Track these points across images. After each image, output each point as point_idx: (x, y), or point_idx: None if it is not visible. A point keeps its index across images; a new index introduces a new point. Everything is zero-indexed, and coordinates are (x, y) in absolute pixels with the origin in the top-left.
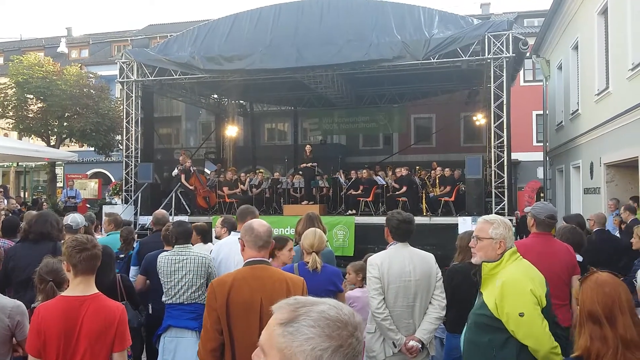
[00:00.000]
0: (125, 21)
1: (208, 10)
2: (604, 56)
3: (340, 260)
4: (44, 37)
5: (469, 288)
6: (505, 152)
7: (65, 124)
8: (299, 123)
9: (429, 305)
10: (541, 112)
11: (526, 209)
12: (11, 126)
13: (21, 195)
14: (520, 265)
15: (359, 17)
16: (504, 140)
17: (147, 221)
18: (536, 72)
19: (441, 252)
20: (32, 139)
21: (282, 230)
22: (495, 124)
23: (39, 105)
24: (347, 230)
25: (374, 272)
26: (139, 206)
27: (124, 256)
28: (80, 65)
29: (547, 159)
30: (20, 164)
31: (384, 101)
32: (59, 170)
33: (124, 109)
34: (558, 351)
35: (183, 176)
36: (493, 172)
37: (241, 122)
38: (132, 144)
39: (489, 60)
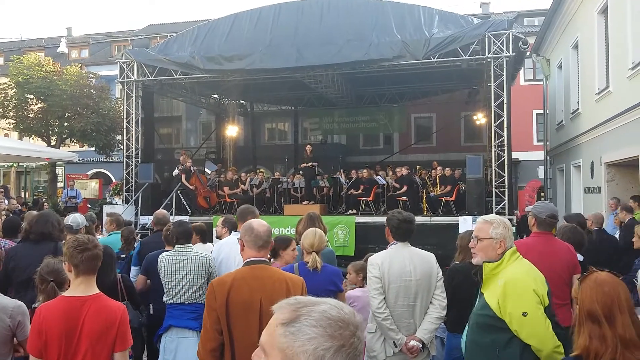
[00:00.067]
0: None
1: (208, 10)
2: (604, 55)
3: (340, 260)
4: (44, 37)
5: (470, 288)
6: (506, 152)
7: (66, 124)
8: (299, 123)
9: (429, 305)
10: (541, 112)
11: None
12: (12, 126)
13: (22, 195)
14: (521, 265)
15: (359, 16)
16: (504, 139)
17: (148, 221)
18: (536, 71)
19: (442, 251)
20: (33, 139)
21: (282, 230)
22: (495, 123)
23: (40, 106)
24: (347, 230)
25: (375, 271)
26: (139, 206)
27: (125, 256)
28: (80, 65)
29: (548, 158)
30: (20, 164)
31: (384, 101)
32: (59, 171)
33: (125, 109)
34: (561, 350)
35: (183, 176)
36: (493, 172)
37: (241, 122)
38: (132, 144)
39: (489, 60)
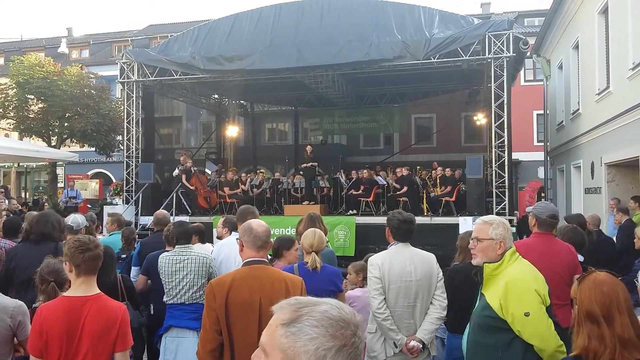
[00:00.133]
0: (126, 21)
1: (208, 11)
2: (604, 56)
3: (341, 260)
4: (44, 37)
5: (470, 288)
6: (506, 152)
7: (66, 124)
8: (299, 123)
9: (429, 305)
10: (542, 112)
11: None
12: (12, 127)
13: (22, 195)
14: (522, 265)
15: (359, 17)
16: (504, 140)
17: (148, 221)
18: (537, 71)
19: (442, 252)
20: (33, 139)
21: (283, 231)
22: (495, 123)
23: (40, 106)
24: (348, 230)
25: (375, 272)
26: (139, 206)
27: (125, 256)
28: (80, 65)
29: (548, 158)
30: (21, 164)
31: (384, 101)
32: (59, 171)
33: (125, 109)
34: (563, 350)
35: (184, 176)
36: (494, 172)
37: (242, 122)
38: (132, 144)
39: (489, 60)
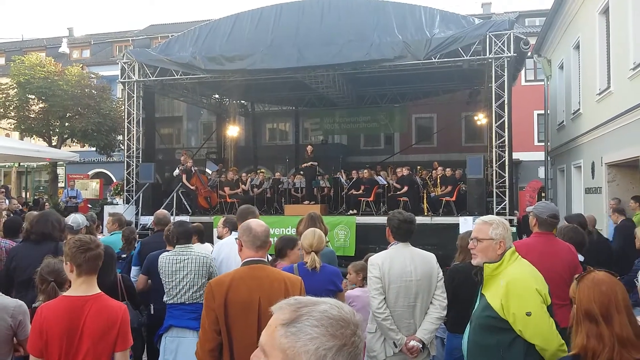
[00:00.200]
0: (127, 21)
1: (209, 10)
2: (605, 56)
3: (341, 260)
4: (45, 37)
5: (470, 288)
6: (507, 152)
7: (67, 124)
8: (300, 123)
9: (429, 305)
10: (542, 112)
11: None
12: (13, 126)
13: (23, 195)
14: (522, 265)
15: (360, 17)
16: (505, 140)
17: (149, 221)
18: (537, 71)
19: (442, 252)
20: (34, 139)
21: (283, 231)
22: (496, 123)
23: (41, 106)
24: (348, 230)
25: (375, 272)
26: (140, 206)
27: (125, 256)
28: (81, 65)
29: (549, 158)
30: (21, 164)
31: (385, 101)
32: (60, 171)
33: (125, 109)
34: (565, 349)
35: (184, 176)
36: (494, 172)
37: (242, 122)
38: (133, 144)
39: (490, 60)
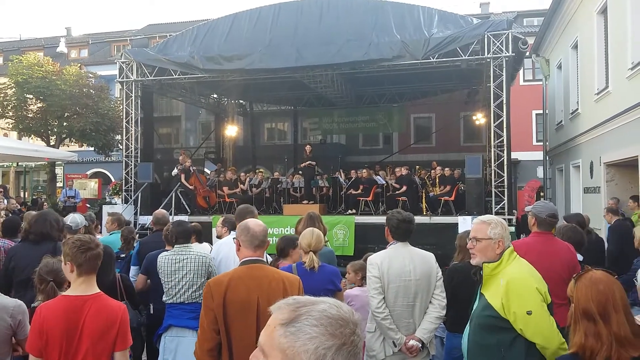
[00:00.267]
0: (125, 21)
1: (207, 10)
2: (603, 55)
3: (340, 259)
4: (43, 37)
5: (469, 287)
6: (505, 152)
7: (65, 123)
8: (298, 123)
9: (429, 304)
10: (541, 112)
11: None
12: (11, 126)
13: (21, 195)
14: (521, 264)
15: (358, 16)
16: (503, 139)
17: (147, 221)
18: (536, 71)
19: (441, 251)
20: (32, 139)
21: (282, 230)
22: (495, 123)
23: (39, 105)
24: (347, 229)
25: (374, 271)
26: (138, 206)
27: (124, 256)
28: (79, 65)
29: (547, 158)
30: (20, 164)
31: (383, 101)
32: (58, 170)
33: (124, 109)
34: (566, 347)
35: (183, 176)
36: (493, 172)
37: (241, 122)
38: (131, 144)
39: (488, 60)
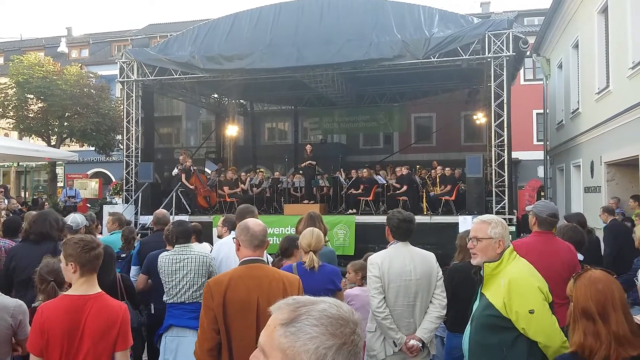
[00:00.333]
0: (125, 21)
1: (208, 10)
2: (604, 55)
3: (340, 259)
4: (44, 37)
5: (470, 287)
6: (506, 151)
7: (66, 123)
8: (299, 122)
9: (429, 304)
10: (541, 111)
11: (527, 208)
12: (11, 126)
13: (22, 195)
14: (521, 264)
15: (359, 16)
16: (504, 139)
17: (148, 221)
18: (536, 71)
19: (442, 251)
20: (33, 138)
21: (282, 230)
22: (495, 122)
23: (40, 105)
24: (347, 229)
25: (375, 271)
26: (139, 206)
27: (125, 256)
28: (80, 65)
29: (548, 157)
30: (20, 163)
31: (384, 100)
32: (59, 170)
33: (124, 109)
34: (568, 345)
35: (183, 176)
36: (493, 171)
37: (241, 122)
38: (132, 144)
39: (489, 59)
